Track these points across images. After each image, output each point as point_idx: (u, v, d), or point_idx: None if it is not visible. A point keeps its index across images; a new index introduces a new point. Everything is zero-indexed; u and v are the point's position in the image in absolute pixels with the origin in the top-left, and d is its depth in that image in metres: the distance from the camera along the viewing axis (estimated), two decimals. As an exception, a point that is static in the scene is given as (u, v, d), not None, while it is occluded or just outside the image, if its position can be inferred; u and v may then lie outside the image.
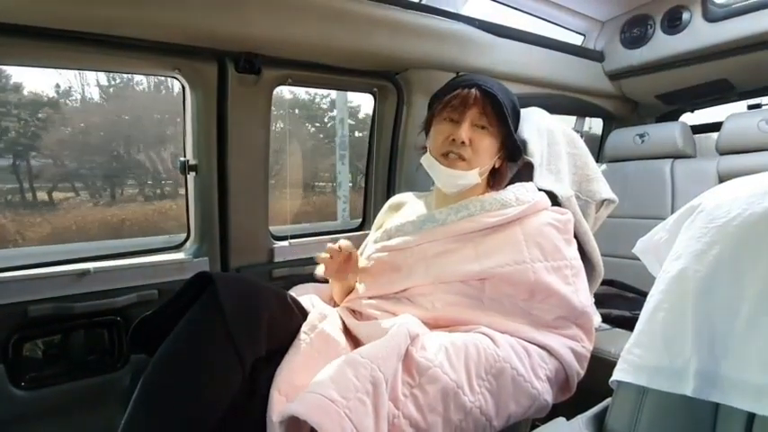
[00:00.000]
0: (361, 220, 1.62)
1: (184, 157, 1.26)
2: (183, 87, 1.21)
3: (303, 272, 1.40)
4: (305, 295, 1.00)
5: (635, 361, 0.64)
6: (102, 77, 1.67)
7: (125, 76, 1.73)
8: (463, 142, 0.96)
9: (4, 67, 1.48)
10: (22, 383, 1.06)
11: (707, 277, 0.60)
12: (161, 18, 1.00)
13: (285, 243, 1.41)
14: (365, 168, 1.59)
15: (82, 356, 1.15)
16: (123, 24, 1.00)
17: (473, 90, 0.97)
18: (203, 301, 0.75)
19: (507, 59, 1.56)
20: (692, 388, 0.57)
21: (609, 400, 0.68)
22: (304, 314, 0.88)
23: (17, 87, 1.53)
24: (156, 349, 0.74)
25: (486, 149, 0.98)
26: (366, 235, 1.23)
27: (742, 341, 0.55)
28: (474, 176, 0.99)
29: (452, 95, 0.99)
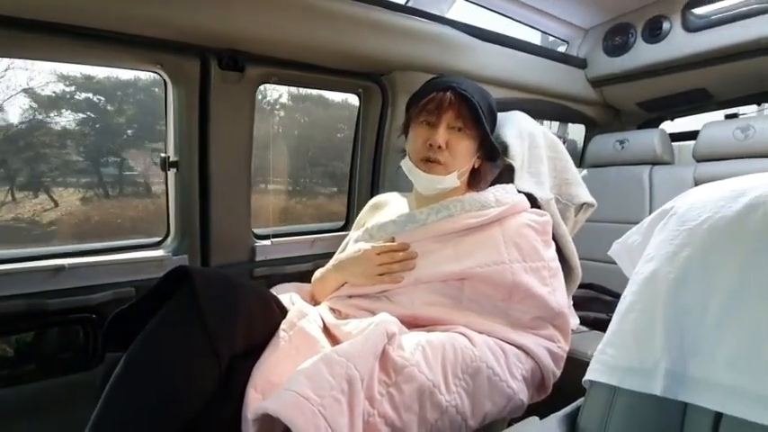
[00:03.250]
0: (344, 220, 1.62)
1: (165, 153, 1.24)
2: (165, 83, 1.20)
3: (284, 271, 1.40)
4: (285, 293, 0.99)
5: (607, 361, 0.65)
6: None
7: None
8: (440, 146, 0.96)
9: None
10: None
11: (677, 279, 0.61)
12: (144, 12, 0.99)
13: (267, 242, 1.40)
14: (349, 168, 1.59)
15: (55, 354, 1.12)
16: (104, 17, 0.98)
17: (448, 93, 0.98)
18: (180, 295, 0.74)
19: (491, 63, 1.58)
20: (662, 387, 0.58)
21: (582, 399, 0.69)
22: (283, 312, 0.87)
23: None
24: None
25: (464, 152, 0.99)
26: (348, 235, 1.23)
27: (710, 342, 0.57)
28: (452, 180, 0.99)
29: (428, 99, 0.99)
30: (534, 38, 1.81)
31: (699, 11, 1.69)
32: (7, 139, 1.36)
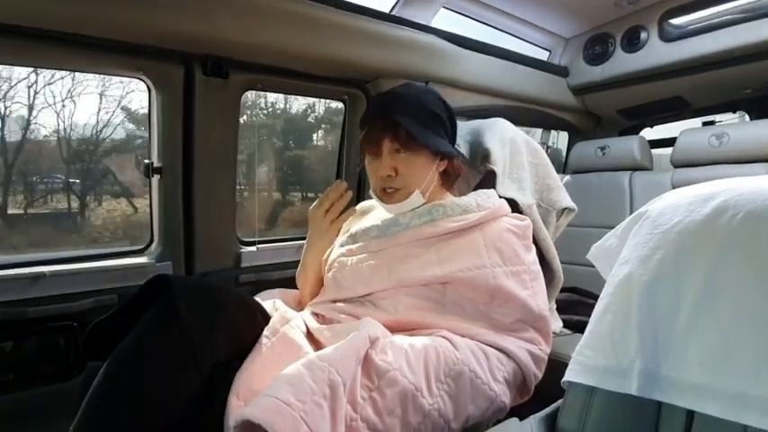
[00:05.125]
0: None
1: (149, 159, 1.24)
2: (149, 89, 1.20)
3: (270, 277, 1.40)
4: (269, 299, 0.99)
5: (585, 362, 0.67)
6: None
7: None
8: (389, 175, 0.96)
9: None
10: None
11: (650, 281, 0.63)
12: (126, 18, 0.99)
13: (252, 248, 1.39)
14: (335, 175, 1.60)
15: (34, 363, 1.10)
16: (86, 23, 0.98)
17: (377, 121, 0.97)
18: (160, 304, 0.73)
19: (475, 71, 1.60)
20: (636, 387, 0.60)
21: (561, 400, 0.70)
22: (267, 318, 0.87)
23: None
24: None
25: (415, 169, 0.97)
26: None
27: (682, 342, 0.58)
28: (417, 198, 0.99)
29: (365, 132, 0.99)
30: (517, 46, 1.85)
31: (675, 21, 1.75)
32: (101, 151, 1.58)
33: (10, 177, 1.42)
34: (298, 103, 2.25)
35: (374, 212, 1.14)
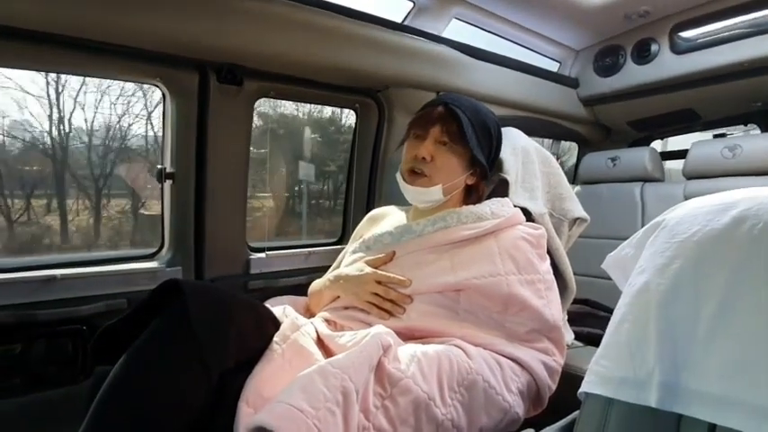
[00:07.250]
0: (340, 234, 1.63)
1: (162, 164, 1.25)
2: (164, 95, 1.21)
3: (279, 284, 1.40)
4: (279, 306, 0.99)
5: (602, 372, 0.65)
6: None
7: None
8: (424, 158, 0.98)
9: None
10: None
11: (668, 290, 0.62)
12: (144, 26, 1.01)
13: (262, 255, 1.39)
14: (345, 182, 1.61)
15: (43, 367, 1.10)
16: (105, 30, 1.00)
17: (439, 108, 1.00)
18: (170, 310, 0.73)
19: (486, 82, 1.61)
20: (656, 399, 0.58)
21: (577, 412, 0.68)
22: (277, 325, 0.86)
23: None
24: None
25: (448, 166, 1.00)
26: (344, 249, 1.23)
27: (702, 353, 0.57)
28: (437, 192, 1.00)
29: (420, 113, 1.03)
30: (528, 58, 1.86)
31: (686, 34, 1.75)
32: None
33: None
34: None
35: (387, 219, 1.14)
